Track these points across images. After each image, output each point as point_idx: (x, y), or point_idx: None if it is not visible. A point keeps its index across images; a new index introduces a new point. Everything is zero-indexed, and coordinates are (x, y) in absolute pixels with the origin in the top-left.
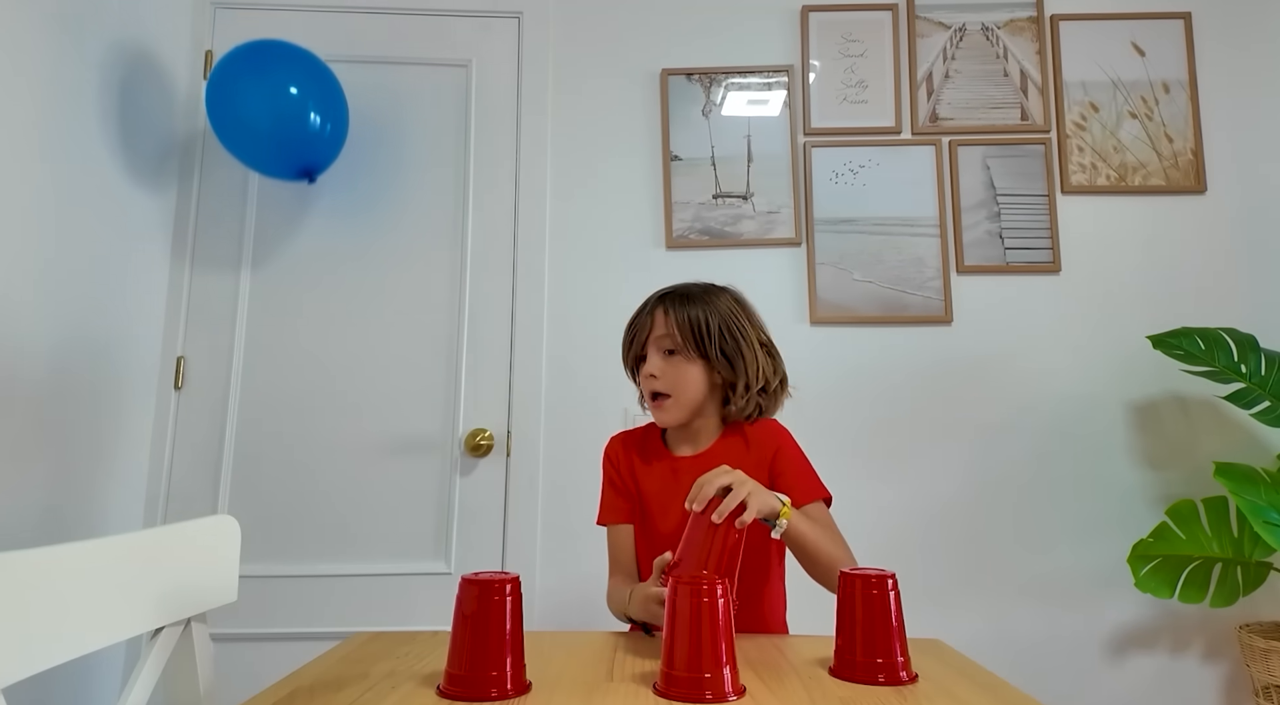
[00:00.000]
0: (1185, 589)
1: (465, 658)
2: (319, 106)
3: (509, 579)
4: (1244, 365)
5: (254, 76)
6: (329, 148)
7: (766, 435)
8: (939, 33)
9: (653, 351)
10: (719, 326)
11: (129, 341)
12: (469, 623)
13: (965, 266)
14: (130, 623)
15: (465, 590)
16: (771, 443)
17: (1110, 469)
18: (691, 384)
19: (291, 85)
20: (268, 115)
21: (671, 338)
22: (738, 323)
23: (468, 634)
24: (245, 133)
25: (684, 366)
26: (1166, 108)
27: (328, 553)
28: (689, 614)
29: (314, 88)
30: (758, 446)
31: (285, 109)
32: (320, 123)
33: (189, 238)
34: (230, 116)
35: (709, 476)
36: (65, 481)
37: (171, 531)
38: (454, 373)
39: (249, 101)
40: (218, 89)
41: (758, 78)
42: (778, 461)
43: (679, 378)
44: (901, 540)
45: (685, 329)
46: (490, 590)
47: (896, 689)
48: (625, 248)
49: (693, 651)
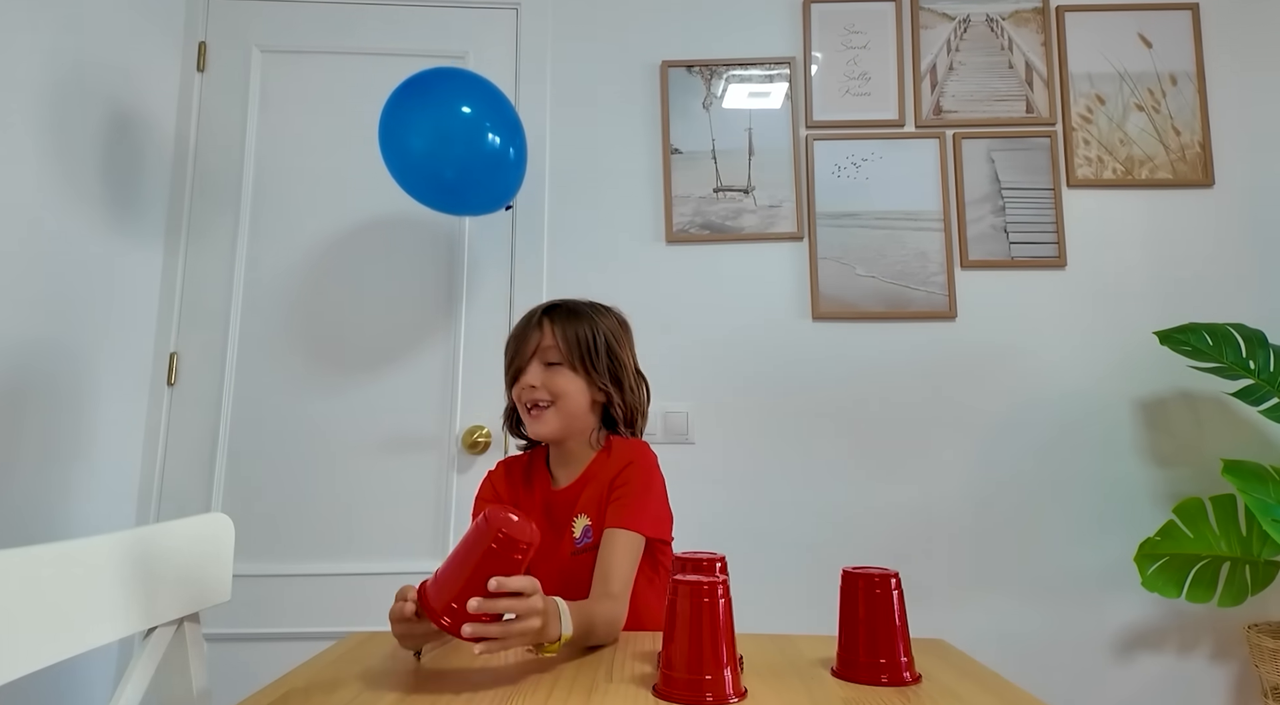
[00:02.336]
0: (1193, 588)
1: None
2: (500, 132)
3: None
4: (1252, 361)
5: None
6: (516, 171)
7: (626, 454)
8: (943, 24)
9: (534, 363)
10: (604, 344)
11: (121, 337)
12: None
13: (969, 261)
14: (122, 622)
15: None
16: (625, 460)
17: (1116, 466)
18: (572, 395)
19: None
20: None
21: (556, 349)
22: (619, 344)
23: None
24: (438, 190)
25: (566, 376)
26: (1174, 100)
27: (323, 551)
28: (689, 614)
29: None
30: (615, 466)
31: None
32: (502, 146)
33: (182, 231)
34: (423, 178)
35: (513, 588)
36: (56, 479)
37: (164, 530)
38: (451, 369)
39: (438, 158)
40: (394, 141)
41: (759, 70)
42: (619, 479)
43: (559, 387)
44: (904, 538)
45: (571, 341)
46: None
47: (900, 690)
48: (625, 242)
49: (693, 653)
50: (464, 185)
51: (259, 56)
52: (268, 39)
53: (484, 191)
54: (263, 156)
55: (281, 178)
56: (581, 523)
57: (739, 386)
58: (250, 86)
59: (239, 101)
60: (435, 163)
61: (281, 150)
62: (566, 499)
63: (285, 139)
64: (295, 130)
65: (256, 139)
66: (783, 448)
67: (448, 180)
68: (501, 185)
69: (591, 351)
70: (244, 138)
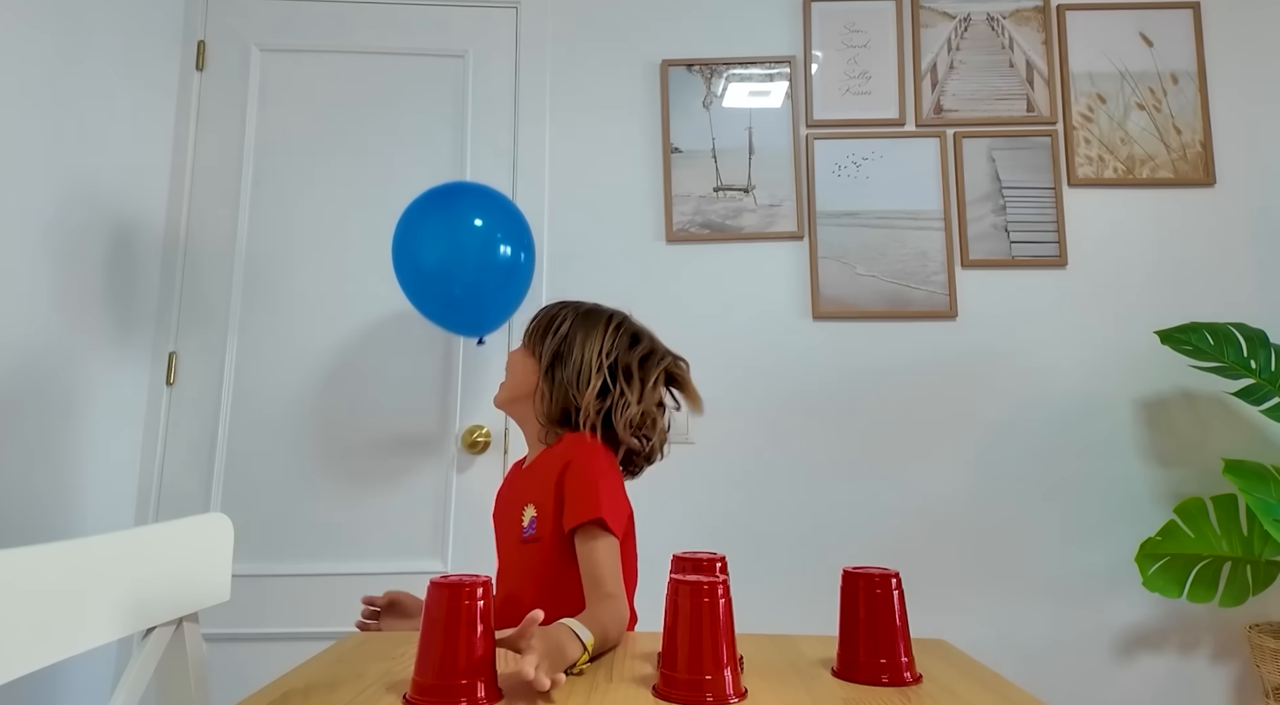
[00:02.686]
0: (1194, 588)
1: (434, 665)
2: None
3: (480, 581)
4: (1254, 361)
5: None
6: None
7: (567, 448)
8: (943, 23)
9: None
10: (562, 331)
11: (120, 336)
12: (438, 628)
13: (970, 260)
14: (121, 623)
15: (434, 594)
16: (564, 457)
17: (1117, 466)
18: (517, 373)
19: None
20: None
21: (526, 331)
22: (584, 336)
23: (437, 640)
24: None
25: (523, 356)
26: (1175, 99)
27: (322, 551)
28: (689, 614)
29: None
30: (558, 460)
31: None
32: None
33: (180, 229)
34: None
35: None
36: (54, 478)
37: (163, 530)
38: (451, 369)
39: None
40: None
41: (759, 69)
42: (565, 475)
43: (513, 364)
44: (905, 538)
45: (531, 323)
46: (460, 594)
47: (900, 690)
48: (625, 241)
49: (693, 653)
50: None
51: (258, 55)
52: (267, 38)
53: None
54: (261, 154)
55: (280, 176)
56: (529, 513)
57: (739, 386)
58: (249, 85)
59: (238, 100)
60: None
61: (280, 148)
62: (520, 480)
63: (284, 137)
64: (294, 129)
65: (255, 137)
66: (783, 448)
67: (455, 296)
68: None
69: (539, 333)
70: (243, 136)
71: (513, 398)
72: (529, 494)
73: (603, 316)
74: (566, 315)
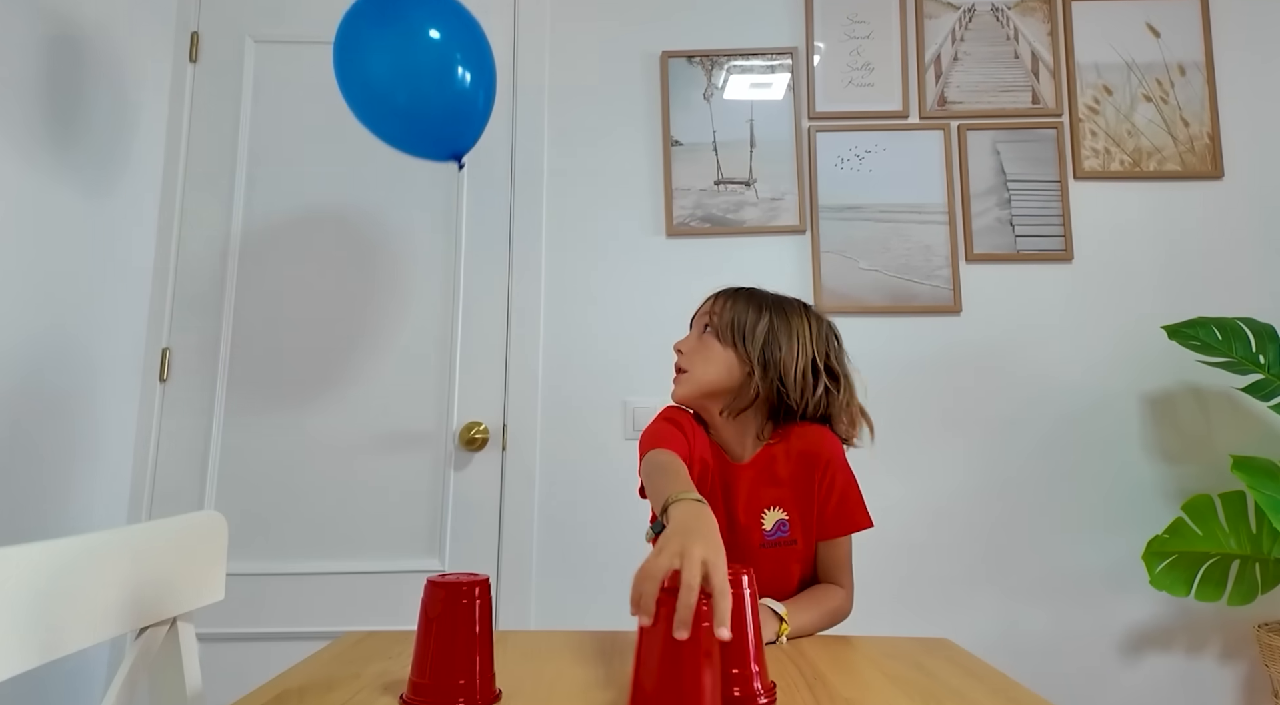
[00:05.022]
0: (1202, 587)
1: (430, 665)
2: (470, 68)
3: (478, 581)
4: (1262, 356)
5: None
6: (480, 121)
7: (812, 444)
8: (948, 13)
9: (693, 329)
10: (765, 327)
11: (112, 332)
12: (434, 628)
13: (975, 254)
14: (114, 622)
15: (430, 594)
16: (820, 454)
17: (1124, 463)
18: (711, 363)
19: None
20: (414, 90)
21: (709, 316)
22: (788, 335)
23: (433, 640)
24: (385, 110)
25: (711, 345)
26: (1182, 90)
27: (318, 550)
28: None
29: (461, 43)
30: (810, 461)
31: (436, 81)
32: (473, 90)
33: (174, 225)
34: (364, 88)
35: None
36: (46, 477)
37: (156, 528)
38: (448, 364)
39: (387, 72)
40: (346, 53)
41: (761, 60)
42: (824, 481)
43: (700, 353)
44: (908, 536)
45: (725, 314)
46: (457, 593)
47: (903, 690)
48: (624, 235)
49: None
50: (420, 116)
51: (252, 46)
52: (261, 29)
53: (441, 128)
54: (256, 148)
55: (274, 168)
56: (773, 516)
57: None
58: (243, 77)
59: (232, 92)
60: (392, 90)
61: (275, 141)
62: (749, 480)
63: (279, 129)
64: (289, 121)
65: (250, 130)
66: None
67: (401, 106)
68: (463, 126)
69: (743, 327)
70: (237, 129)
71: (712, 391)
72: (771, 498)
73: (797, 308)
74: (762, 307)
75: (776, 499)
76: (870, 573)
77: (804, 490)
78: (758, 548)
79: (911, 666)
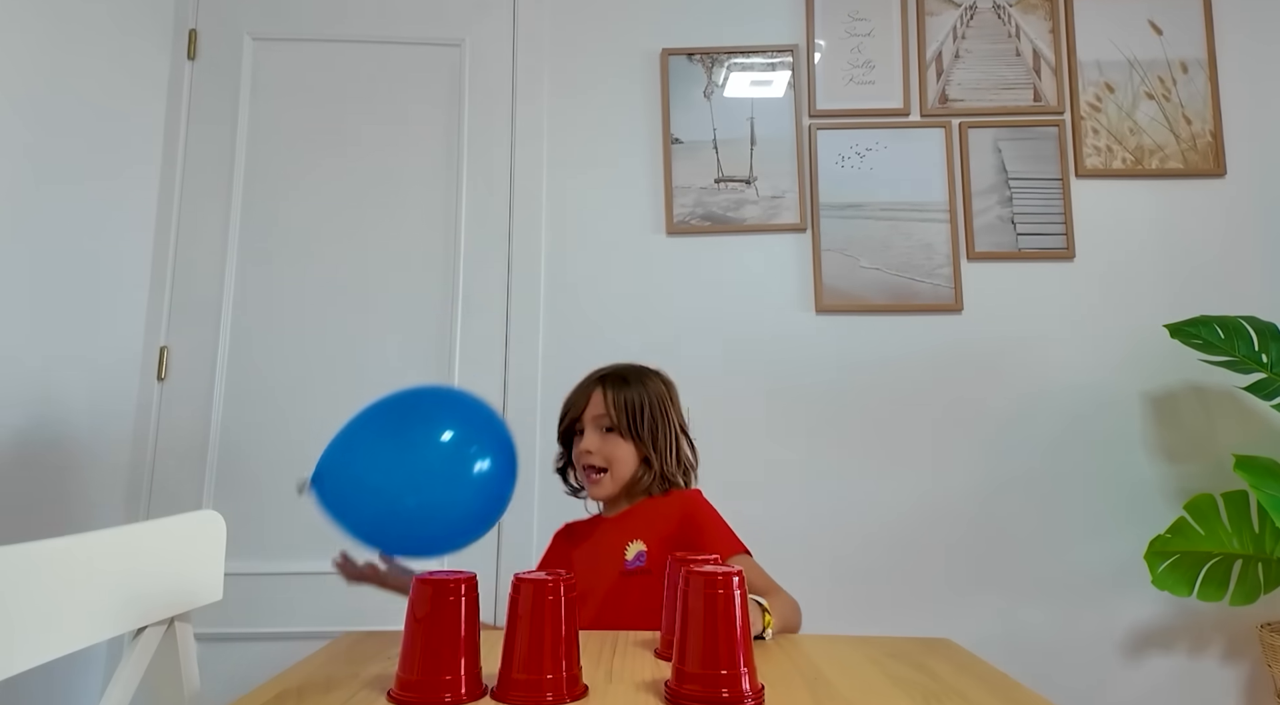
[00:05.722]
0: (1204, 586)
1: (418, 662)
2: None
3: (464, 578)
4: (1265, 354)
5: None
6: None
7: (678, 501)
8: (949, 11)
9: (590, 429)
10: (650, 410)
11: (110, 331)
12: (422, 625)
13: (976, 253)
14: (111, 622)
15: (418, 591)
16: (682, 509)
17: (1126, 462)
18: (625, 461)
19: None
20: None
21: (609, 417)
22: (664, 408)
23: (420, 637)
24: None
25: (618, 444)
26: (1185, 88)
27: (316, 550)
28: (701, 611)
29: None
30: (673, 508)
31: None
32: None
33: (172, 223)
34: None
35: None
36: (43, 475)
37: (154, 527)
38: (446, 364)
39: None
40: None
41: (761, 58)
42: (693, 519)
43: (613, 455)
44: (909, 535)
45: (621, 410)
46: (444, 590)
47: (904, 690)
48: (624, 234)
49: (708, 651)
50: None
51: (250, 44)
52: (259, 26)
53: None
54: (254, 145)
55: (273, 167)
56: (635, 547)
57: (740, 381)
58: (242, 75)
59: (230, 90)
60: None
61: (273, 139)
62: (615, 527)
63: (277, 128)
64: (288, 119)
65: (248, 128)
66: (785, 443)
67: None
68: None
69: (638, 418)
70: (235, 126)
71: (621, 484)
72: (633, 532)
73: (663, 381)
74: (640, 392)
75: (638, 534)
76: (871, 572)
77: (665, 533)
78: (618, 576)
79: (912, 666)
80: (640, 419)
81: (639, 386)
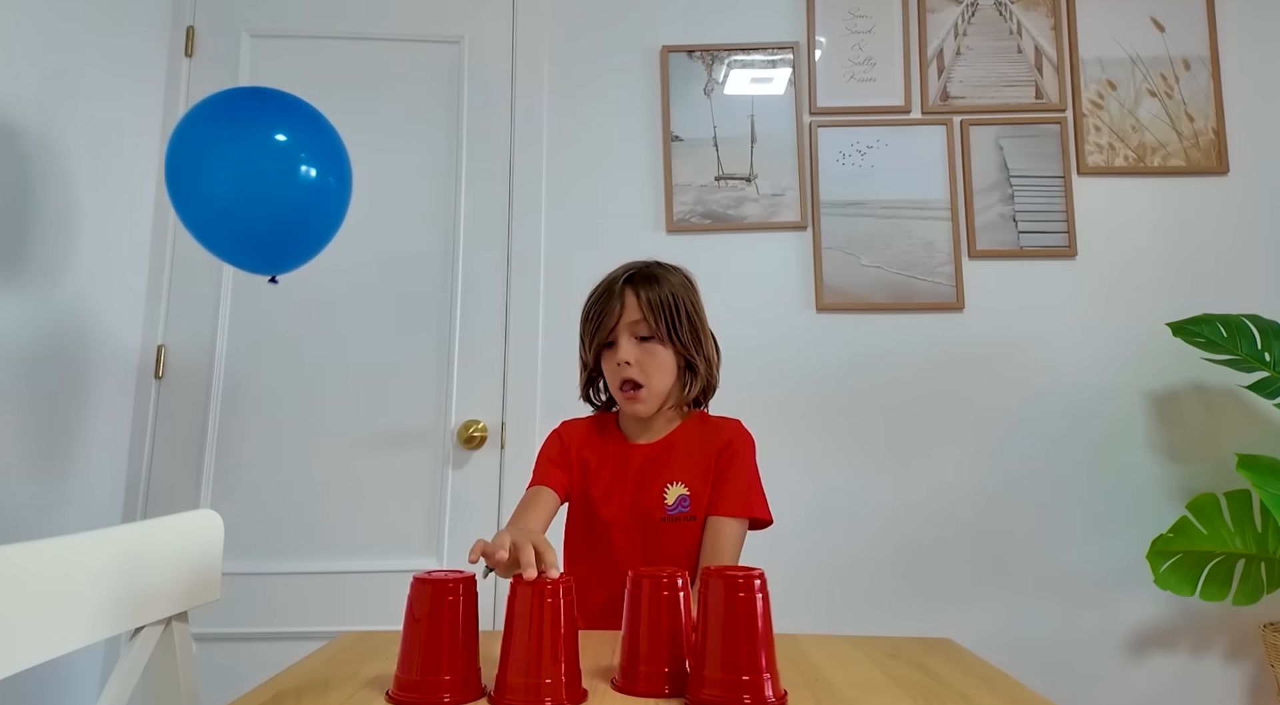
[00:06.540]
0: (1207, 586)
1: (416, 662)
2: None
3: (463, 578)
4: (1268, 353)
5: None
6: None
7: (727, 430)
8: (950, 8)
9: (625, 337)
10: (685, 309)
11: (107, 329)
12: (420, 624)
13: (977, 251)
14: (108, 622)
15: (416, 590)
16: (726, 437)
17: (1128, 461)
18: (666, 371)
19: None
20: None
21: (646, 323)
22: (694, 302)
23: (419, 636)
24: None
25: (658, 352)
26: (1187, 85)
27: (315, 549)
28: (722, 611)
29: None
30: (714, 439)
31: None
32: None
33: (169, 221)
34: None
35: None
36: (40, 474)
37: (152, 527)
38: (446, 362)
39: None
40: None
41: (762, 55)
42: (724, 456)
43: (653, 365)
44: (910, 535)
45: (659, 312)
46: (443, 590)
47: (905, 690)
48: (624, 231)
49: (728, 655)
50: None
51: (249, 41)
52: (258, 23)
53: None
54: None
55: None
56: (675, 491)
57: (740, 381)
58: (240, 72)
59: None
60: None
61: None
62: (652, 459)
63: None
64: None
65: None
66: (785, 442)
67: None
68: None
69: (677, 319)
70: None
71: (663, 397)
72: (673, 472)
73: (686, 276)
74: (676, 292)
75: (679, 475)
76: (872, 572)
77: (705, 469)
78: (659, 522)
79: (913, 666)
80: (679, 320)
81: (669, 284)
